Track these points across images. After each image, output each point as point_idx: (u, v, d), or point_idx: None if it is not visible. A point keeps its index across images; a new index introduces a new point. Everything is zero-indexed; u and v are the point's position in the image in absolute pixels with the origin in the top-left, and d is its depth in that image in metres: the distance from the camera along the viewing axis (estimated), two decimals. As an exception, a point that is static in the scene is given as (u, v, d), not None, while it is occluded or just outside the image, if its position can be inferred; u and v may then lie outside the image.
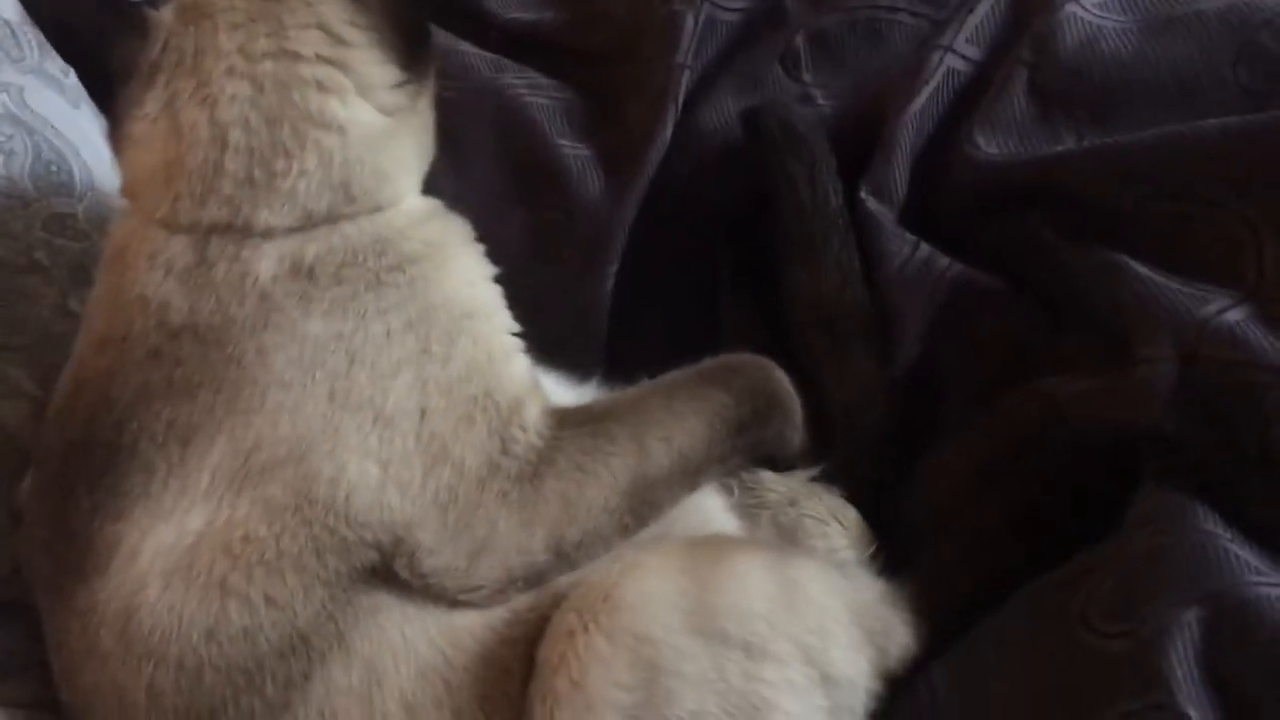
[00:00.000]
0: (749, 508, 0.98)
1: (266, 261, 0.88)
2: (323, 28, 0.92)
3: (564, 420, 0.92)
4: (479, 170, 1.30)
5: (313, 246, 0.89)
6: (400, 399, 0.86)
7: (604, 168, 1.28)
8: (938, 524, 1.02)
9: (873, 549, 1.00)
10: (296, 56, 0.91)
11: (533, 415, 0.90)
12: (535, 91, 1.36)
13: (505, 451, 0.88)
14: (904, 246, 1.12)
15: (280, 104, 0.90)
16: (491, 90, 1.36)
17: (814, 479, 1.04)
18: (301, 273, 0.88)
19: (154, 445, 0.85)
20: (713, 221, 1.27)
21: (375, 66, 0.94)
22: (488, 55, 1.41)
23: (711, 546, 0.92)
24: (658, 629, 0.83)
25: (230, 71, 0.90)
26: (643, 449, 0.91)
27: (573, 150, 1.30)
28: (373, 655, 0.84)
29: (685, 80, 1.26)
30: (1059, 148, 1.09)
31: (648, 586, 0.85)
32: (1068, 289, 1.04)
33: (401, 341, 0.88)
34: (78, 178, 1.27)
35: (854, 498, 1.04)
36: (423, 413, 0.87)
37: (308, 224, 0.90)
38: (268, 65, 0.90)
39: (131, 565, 0.83)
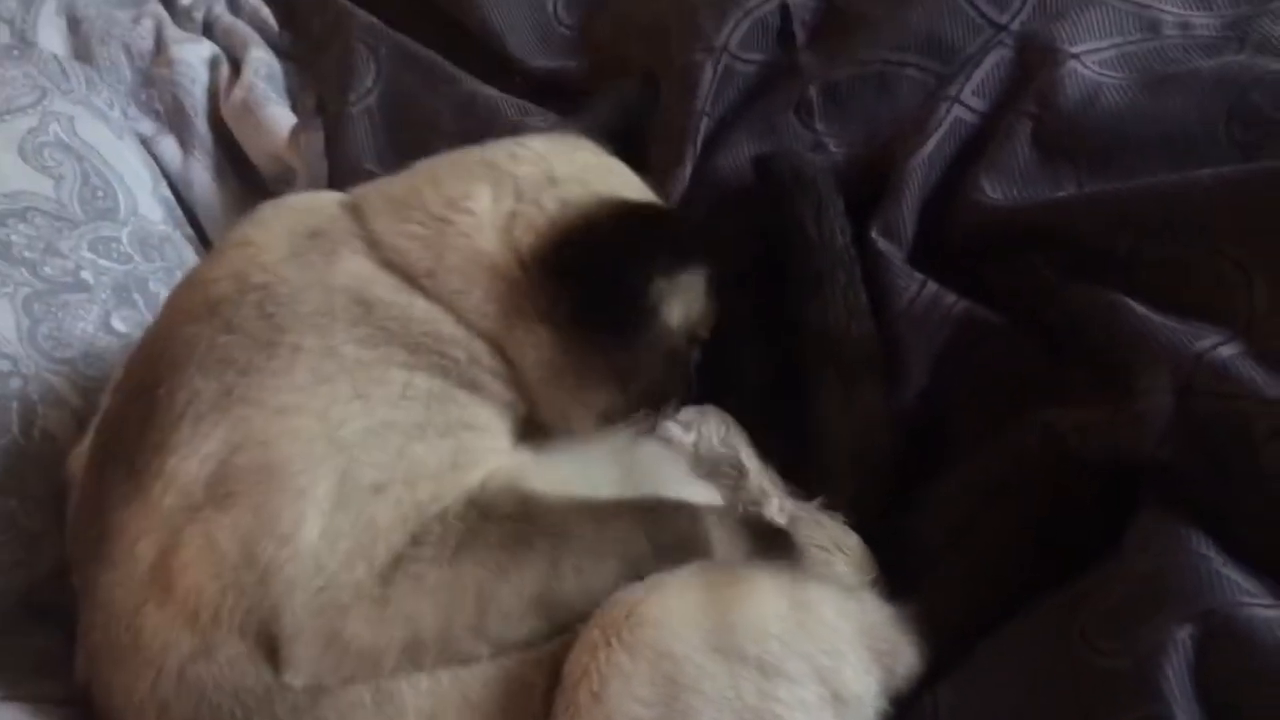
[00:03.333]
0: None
1: (348, 267, 0.92)
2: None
3: (490, 513, 0.90)
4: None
5: (384, 289, 0.92)
6: (370, 463, 0.86)
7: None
8: (942, 548, 1.05)
9: (874, 576, 1.03)
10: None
11: (453, 511, 0.89)
12: (554, 132, 1.41)
13: (418, 543, 0.86)
14: (912, 284, 1.16)
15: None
16: (513, 128, 1.40)
17: (820, 507, 1.07)
18: (364, 302, 0.91)
19: (170, 416, 0.86)
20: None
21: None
22: (513, 99, 1.48)
23: (729, 569, 0.93)
24: (679, 646, 0.84)
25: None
26: (555, 570, 0.89)
27: None
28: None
29: (704, 126, 1.31)
30: (1060, 194, 1.14)
31: (670, 604, 0.86)
32: (1068, 326, 1.09)
33: (409, 406, 0.89)
34: (122, 204, 1.33)
35: (860, 525, 1.07)
36: (375, 490, 0.86)
37: (396, 269, 0.93)
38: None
39: (134, 566, 0.84)
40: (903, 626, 0.95)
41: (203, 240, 1.48)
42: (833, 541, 1.02)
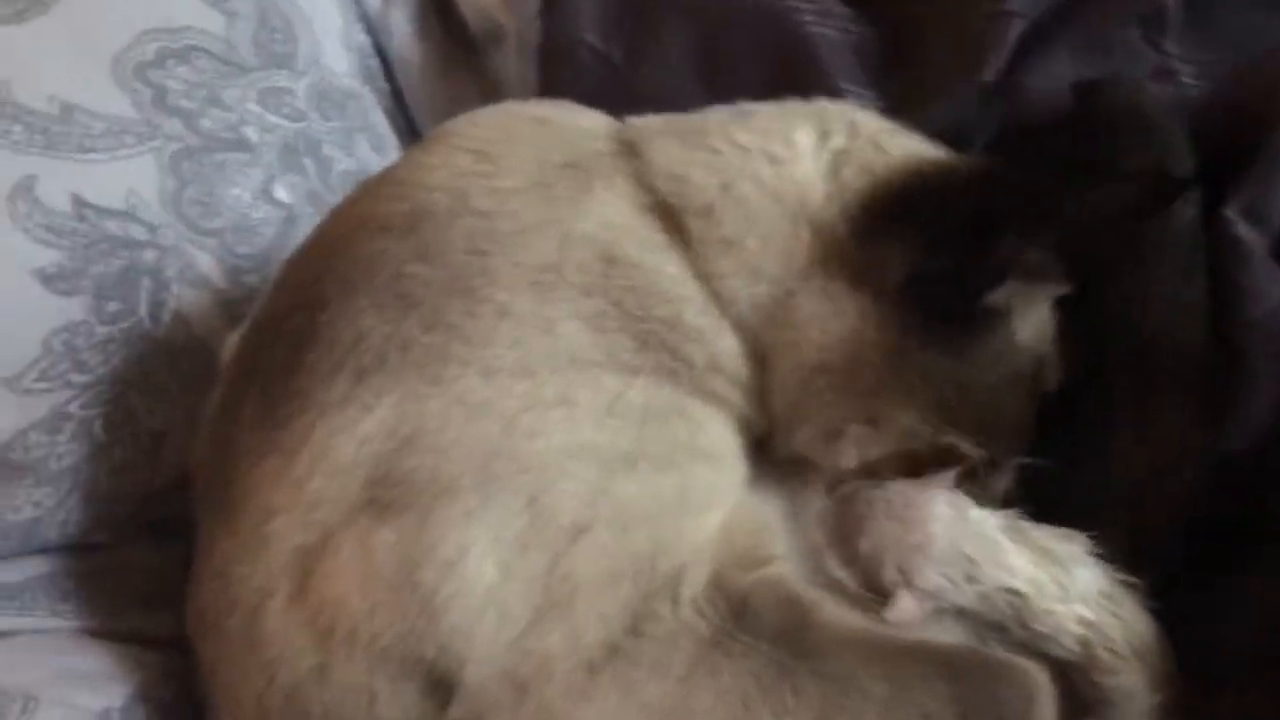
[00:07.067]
0: (1035, 645, 0.76)
1: (601, 210, 0.73)
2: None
3: (745, 616, 0.68)
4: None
5: (635, 245, 0.73)
6: (564, 495, 0.67)
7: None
8: (1257, 665, 0.78)
9: (1165, 695, 0.77)
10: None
11: (691, 590, 0.68)
12: (823, 20, 1.14)
13: (638, 633, 0.67)
14: (1275, 288, 0.86)
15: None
16: (769, 14, 1.15)
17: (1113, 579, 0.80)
18: (608, 258, 0.72)
19: (328, 359, 0.69)
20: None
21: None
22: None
23: None
24: None
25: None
26: None
27: (857, 96, 1.08)
28: None
29: (1013, 29, 1.03)
30: None
31: None
32: None
33: (615, 424, 0.69)
34: (302, 50, 1.16)
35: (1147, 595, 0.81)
36: (577, 534, 0.67)
37: (662, 211, 0.75)
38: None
39: (264, 547, 0.69)
40: None
41: (398, 101, 1.31)
42: (1128, 643, 0.76)
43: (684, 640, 0.67)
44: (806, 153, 0.77)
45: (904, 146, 0.79)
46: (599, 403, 0.69)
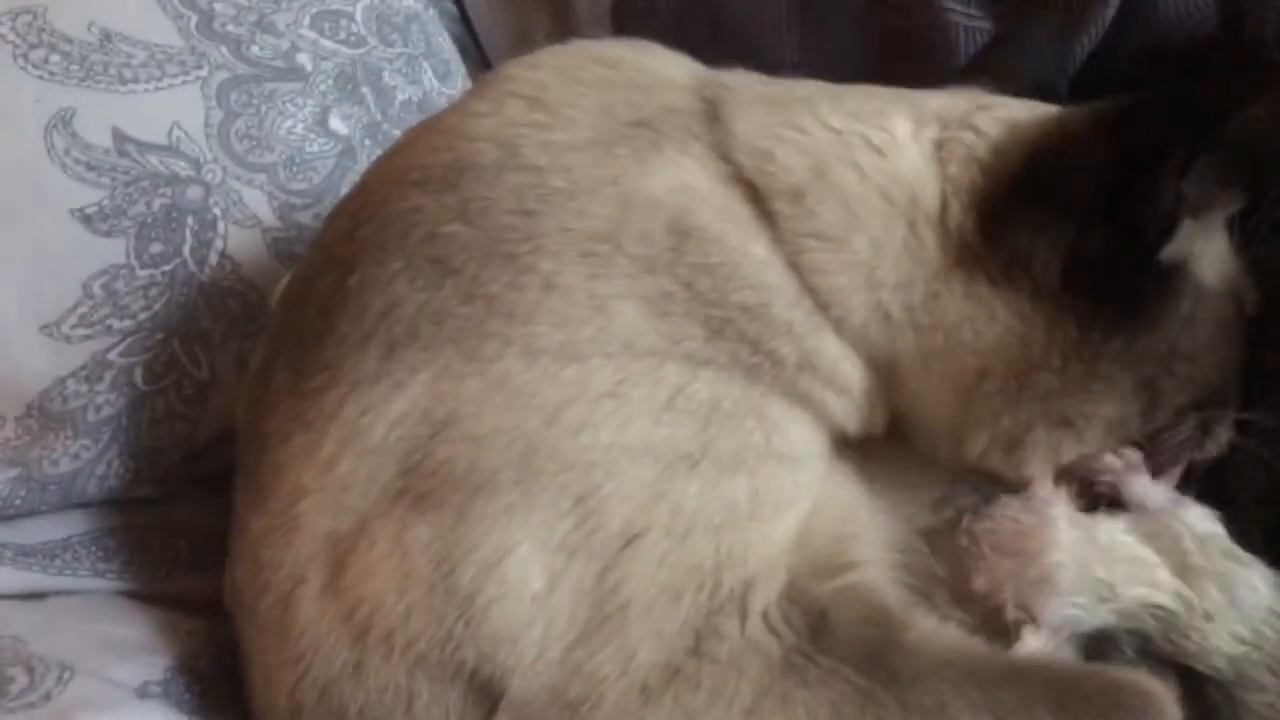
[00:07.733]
0: (1178, 659, 0.67)
1: (672, 172, 0.65)
2: None
3: (823, 634, 0.61)
4: (832, 34, 1.04)
5: (714, 215, 0.65)
6: (616, 498, 0.61)
7: (1006, 49, 0.96)
8: None
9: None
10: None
11: (761, 603, 0.62)
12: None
13: (699, 653, 0.60)
14: None
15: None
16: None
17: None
18: (679, 230, 0.64)
19: (358, 328, 0.64)
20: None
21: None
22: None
23: None
24: None
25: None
26: None
27: (967, 21, 1.00)
28: None
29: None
30: None
31: None
32: None
33: (675, 420, 0.62)
34: (360, -30, 1.08)
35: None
36: (629, 541, 0.60)
37: (744, 185, 0.66)
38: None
39: (294, 532, 0.64)
40: None
41: (465, 25, 1.23)
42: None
43: (751, 663, 0.59)
44: (907, 143, 0.68)
45: (1000, 120, 0.70)
46: (657, 396, 0.62)
